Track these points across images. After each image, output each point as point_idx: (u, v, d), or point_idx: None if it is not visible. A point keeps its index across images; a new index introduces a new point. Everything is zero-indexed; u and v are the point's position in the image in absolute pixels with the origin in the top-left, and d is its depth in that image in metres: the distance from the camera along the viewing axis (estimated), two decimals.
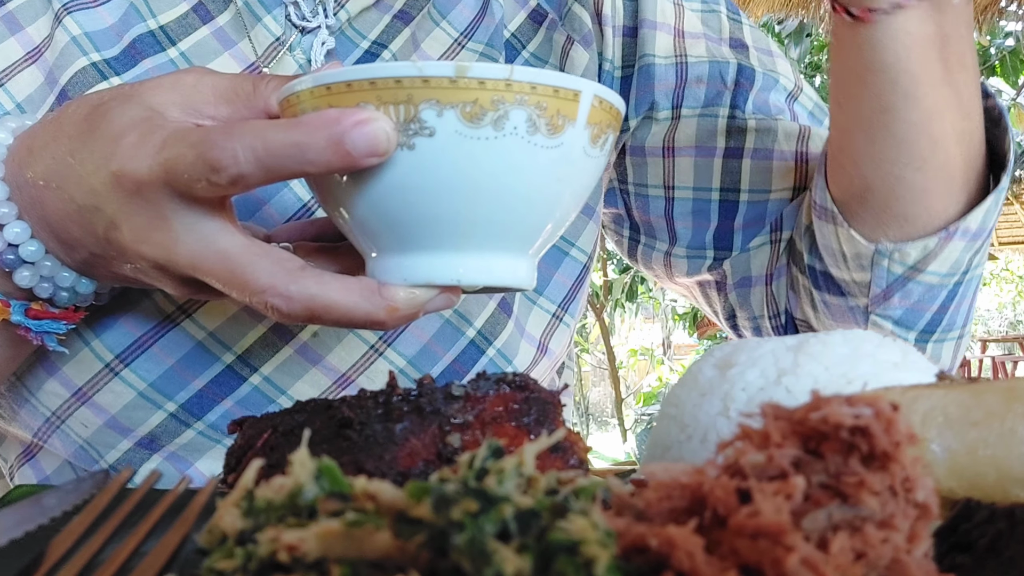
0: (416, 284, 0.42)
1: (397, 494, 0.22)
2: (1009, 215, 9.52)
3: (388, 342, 0.63)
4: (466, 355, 0.65)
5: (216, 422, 0.61)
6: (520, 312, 0.69)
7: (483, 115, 0.38)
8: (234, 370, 0.60)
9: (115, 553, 0.31)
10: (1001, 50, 7.12)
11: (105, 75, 0.61)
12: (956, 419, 0.31)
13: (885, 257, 0.62)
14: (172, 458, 0.61)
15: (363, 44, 0.69)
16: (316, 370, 0.62)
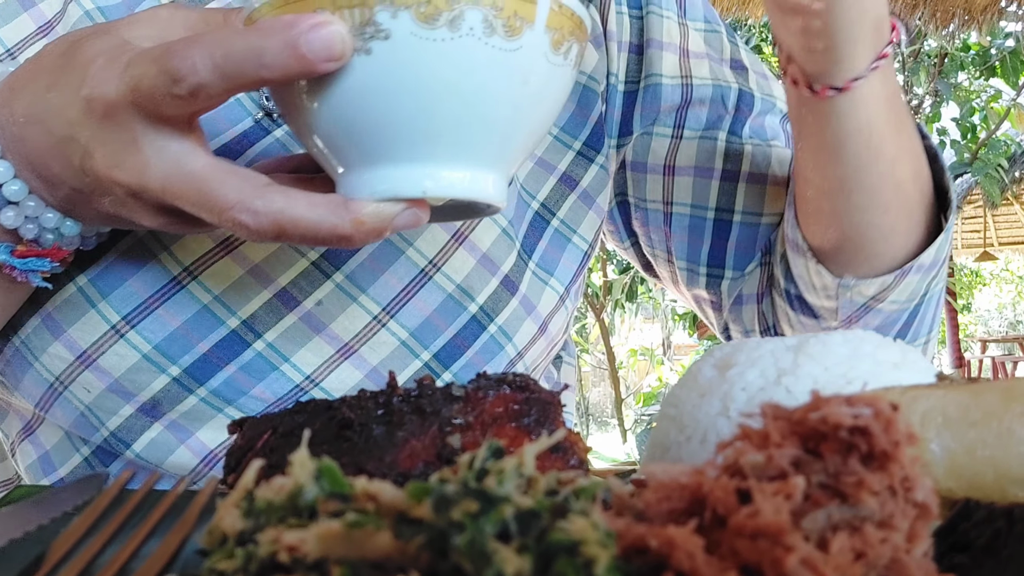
0: (382, 198, 0.42)
1: (397, 495, 0.22)
2: (1009, 215, 9.52)
3: (391, 313, 0.63)
4: (467, 330, 0.66)
5: (218, 388, 0.61)
6: (530, 290, 0.70)
7: (438, 16, 0.38)
8: (239, 335, 0.61)
9: (115, 554, 0.31)
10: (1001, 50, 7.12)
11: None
12: (955, 419, 0.31)
13: (848, 290, 0.67)
14: (173, 427, 0.61)
15: None
16: (319, 338, 0.62)
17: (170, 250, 0.60)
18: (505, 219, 0.68)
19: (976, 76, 7.59)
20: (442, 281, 0.65)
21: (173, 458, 0.61)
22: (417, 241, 0.65)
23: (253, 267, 0.61)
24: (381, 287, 0.63)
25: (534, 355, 0.72)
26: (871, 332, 0.45)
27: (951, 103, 7.56)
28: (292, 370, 0.62)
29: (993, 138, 7.45)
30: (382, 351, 0.63)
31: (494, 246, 0.67)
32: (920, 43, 7.09)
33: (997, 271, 14.07)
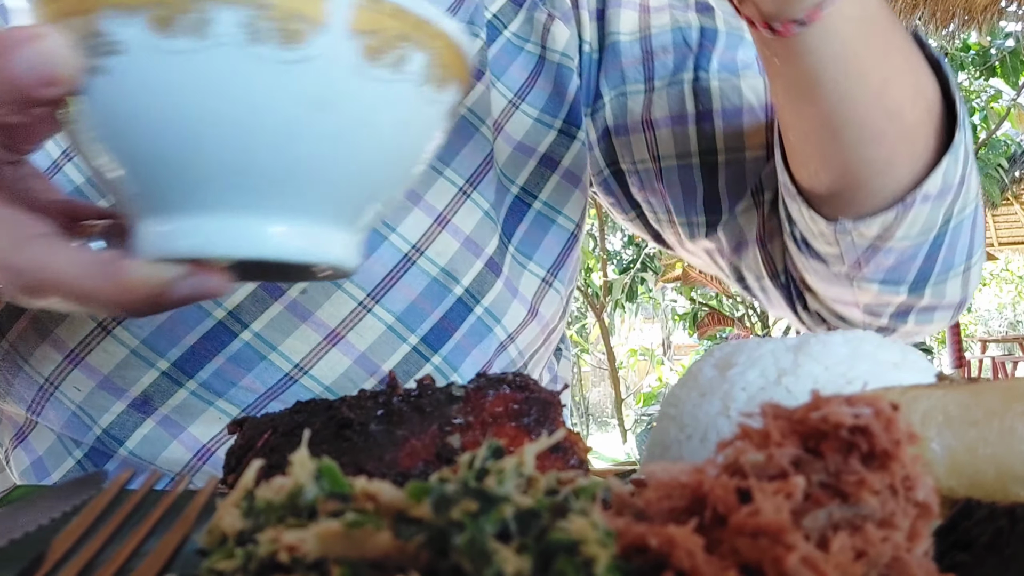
0: (161, 256, 0.34)
1: (397, 494, 0.22)
2: (1009, 215, 9.53)
3: (376, 299, 0.63)
4: (454, 312, 0.66)
5: (208, 380, 0.61)
6: (511, 273, 0.70)
7: (178, 19, 0.29)
8: (225, 326, 0.61)
9: (115, 553, 0.31)
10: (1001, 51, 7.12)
11: None
12: (956, 418, 0.31)
13: (847, 233, 0.60)
14: (165, 422, 0.61)
15: None
16: (306, 326, 0.62)
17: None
18: (487, 201, 0.68)
19: (976, 76, 7.59)
20: (426, 265, 0.65)
21: (166, 454, 0.61)
22: (400, 227, 0.65)
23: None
24: (365, 273, 0.63)
25: (527, 339, 0.71)
26: (871, 332, 0.45)
27: None
28: (280, 359, 0.62)
29: (993, 138, 7.46)
30: (369, 336, 0.63)
31: (477, 228, 0.67)
32: None
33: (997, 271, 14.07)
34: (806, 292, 0.72)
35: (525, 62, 0.74)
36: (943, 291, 0.65)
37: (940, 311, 0.68)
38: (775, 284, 0.75)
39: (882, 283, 0.64)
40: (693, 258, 0.82)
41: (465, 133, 0.69)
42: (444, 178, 0.67)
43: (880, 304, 0.67)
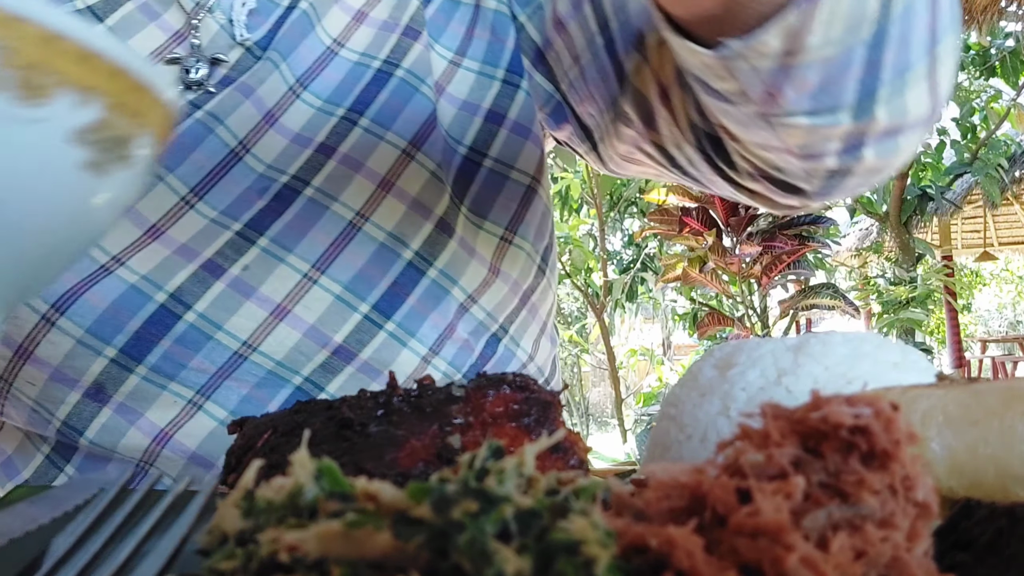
0: None
1: (397, 494, 0.22)
2: (1009, 215, 9.53)
3: (321, 269, 0.63)
4: (406, 277, 0.65)
5: (158, 364, 0.61)
6: (465, 233, 0.68)
7: None
8: (168, 309, 0.61)
9: (115, 553, 0.31)
10: (1001, 51, 7.13)
11: None
12: (956, 418, 0.31)
13: (740, 59, 0.47)
14: (122, 410, 0.62)
15: (283, 2, 0.70)
16: (250, 303, 0.62)
17: (98, 243, 0.61)
18: (432, 162, 0.67)
19: (976, 76, 7.60)
20: (372, 231, 0.64)
21: (125, 440, 0.62)
22: (342, 195, 0.64)
23: (180, 247, 0.62)
24: (308, 244, 0.63)
25: (495, 300, 0.70)
26: (872, 332, 0.45)
27: (951, 103, 7.56)
28: (227, 337, 0.62)
29: (993, 138, 7.46)
30: (317, 308, 0.63)
31: (424, 190, 0.66)
32: None
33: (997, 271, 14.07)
34: (729, 141, 0.61)
35: (462, 16, 0.73)
36: (903, 105, 0.51)
37: (906, 132, 0.53)
38: (698, 149, 0.65)
39: (811, 114, 0.50)
40: (633, 167, 0.75)
41: (403, 94, 0.68)
42: (384, 141, 0.66)
43: (818, 142, 0.53)
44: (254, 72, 0.66)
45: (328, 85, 0.67)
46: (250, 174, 0.64)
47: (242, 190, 0.63)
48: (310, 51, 0.68)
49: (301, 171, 0.64)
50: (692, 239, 4.14)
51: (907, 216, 7.43)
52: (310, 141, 0.65)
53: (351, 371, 0.64)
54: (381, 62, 0.69)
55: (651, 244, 6.29)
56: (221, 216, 0.63)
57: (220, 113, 0.64)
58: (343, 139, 0.65)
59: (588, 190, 5.70)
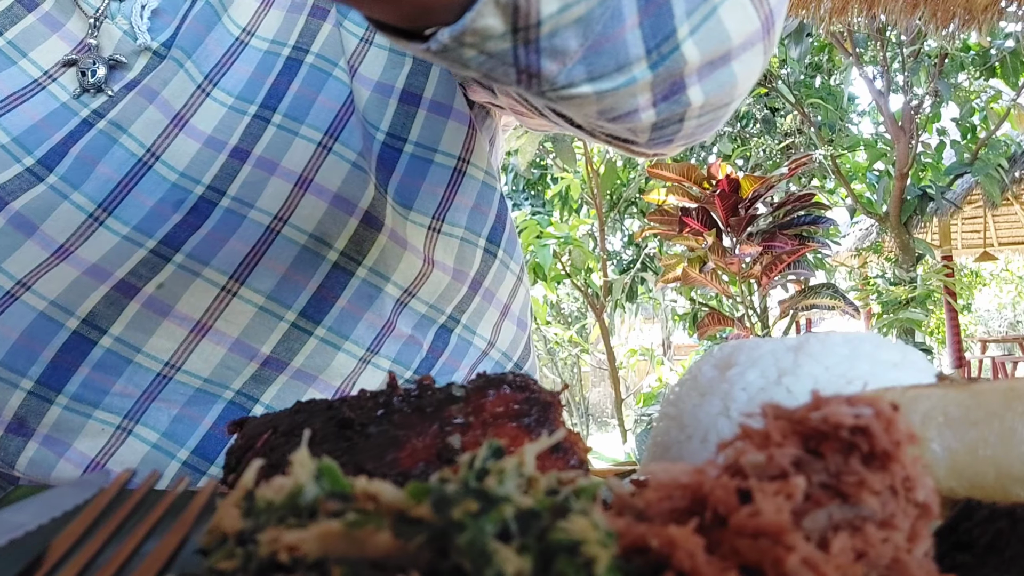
0: None
1: (398, 494, 0.22)
2: (1009, 215, 9.53)
3: (240, 280, 0.60)
4: (332, 279, 0.62)
5: (79, 393, 0.59)
6: (395, 225, 0.65)
7: None
8: (81, 335, 0.59)
9: (115, 553, 0.31)
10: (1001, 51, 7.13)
11: None
12: (956, 419, 0.31)
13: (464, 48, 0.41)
14: (48, 442, 0.60)
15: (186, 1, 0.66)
16: (168, 322, 0.60)
17: (1, 266, 0.59)
18: (353, 151, 0.63)
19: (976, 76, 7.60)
20: (292, 234, 0.61)
21: (56, 473, 0.60)
22: (259, 200, 0.61)
23: (90, 267, 0.59)
24: (225, 255, 0.60)
25: (435, 292, 0.67)
26: (871, 332, 0.45)
27: (951, 103, 7.56)
28: (148, 359, 0.60)
29: (993, 138, 7.46)
30: (240, 320, 0.61)
31: (345, 184, 0.63)
32: (920, 43, 7.09)
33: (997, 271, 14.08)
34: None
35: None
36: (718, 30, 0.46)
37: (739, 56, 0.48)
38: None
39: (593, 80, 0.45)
40: (530, 118, 0.68)
41: (315, 81, 0.64)
42: (299, 137, 0.63)
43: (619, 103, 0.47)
44: (157, 73, 0.63)
45: (239, 80, 0.64)
46: (162, 183, 0.61)
47: (155, 202, 0.60)
48: (217, 44, 0.64)
49: (216, 180, 0.61)
50: (692, 239, 4.14)
51: (907, 216, 7.42)
52: (223, 145, 0.62)
53: (284, 379, 0.62)
54: (291, 48, 0.65)
55: (651, 244, 6.29)
56: (134, 232, 0.60)
57: (122, 121, 0.62)
58: (257, 140, 0.62)
59: (588, 190, 5.70)
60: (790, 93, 7.48)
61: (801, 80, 7.82)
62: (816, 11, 4.71)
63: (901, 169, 7.04)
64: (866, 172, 8.33)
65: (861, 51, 7.21)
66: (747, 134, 8.37)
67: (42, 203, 0.59)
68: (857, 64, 7.01)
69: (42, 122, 0.61)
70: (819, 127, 7.64)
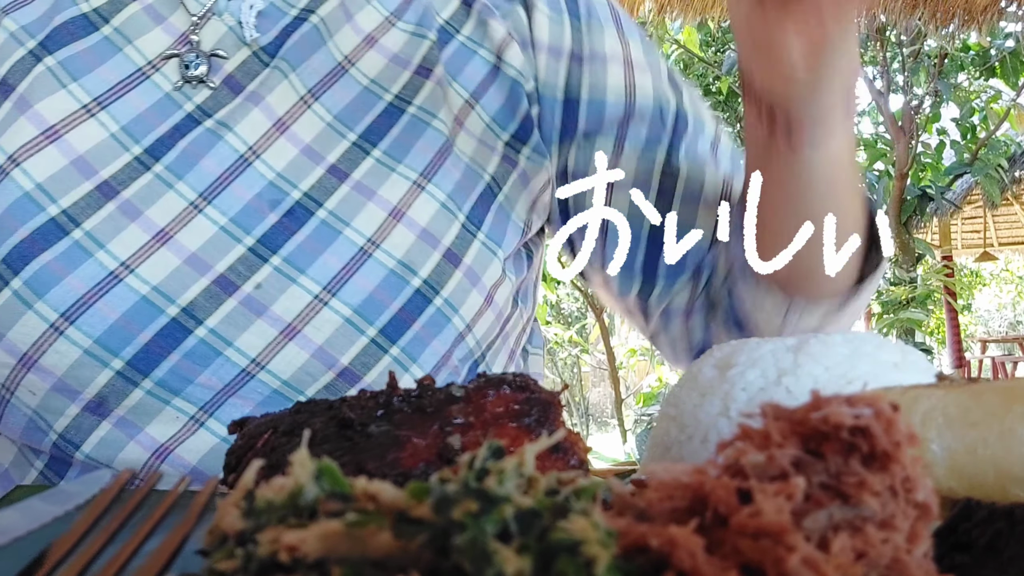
0: None
1: (398, 494, 0.22)
2: (1009, 215, 9.53)
3: (332, 292, 0.63)
4: (412, 304, 0.65)
5: (164, 379, 0.61)
6: (477, 263, 0.69)
7: None
8: (179, 323, 0.61)
9: (116, 553, 0.31)
10: (1001, 51, 7.13)
11: (39, 57, 0.65)
12: (956, 419, 0.31)
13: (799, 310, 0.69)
14: (122, 424, 0.61)
15: (291, 12, 0.71)
16: (261, 321, 0.62)
17: (106, 247, 0.61)
18: (443, 193, 0.68)
19: (976, 76, 7.60)
20: (382, 258, 0.65)
21: (123, 455, 0.61)
22: (354, 221, 0.65)
23: (190, 256, 0.62)
24: (320, 267, 0.63)
25: (483, 328, 0.71)
26: (871, 333, 0.45)
27: (951, 103, 7.56)
28: (236, 354, 0.62)
29: (993, 138, 7.46)
30: (326, 329, 0.63)
31: (434, 221, 0.67)
32: (920, 43, 7.09)
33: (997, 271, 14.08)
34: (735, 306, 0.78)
35: (479, 66, 0.73)
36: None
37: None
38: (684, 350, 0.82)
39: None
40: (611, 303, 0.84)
41: (415, 129, 0.69)
42: (396, 173, 0.67)
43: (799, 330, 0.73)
44: (263, 81, 0.67)
45: (338, 102, 0.68)
46: (260, 179, 0.64)
47: (252, 196, 0.64)
48: (321, 64, 0.69)
49: (313, 190, 0.65)
50: None
51: (907, 216, 7.43)
52: (322, 159, 0.66)
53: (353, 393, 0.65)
54: (393, 97, 0.70)
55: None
56: (231, 224, 0.63)
57: (229, 120, 0.65)
58: (355, 166, 0.67)
59: None
60: None
61: None
62: None
63: (901, 169, 7.04)
64: (866, 172, 8.33)
65: (861, 51, 7.22)
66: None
67: (149, 191, 0.63)
68: None
69: (147, 112, 0.65)
70: None
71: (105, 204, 0.62)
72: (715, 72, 8.46)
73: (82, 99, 0.65)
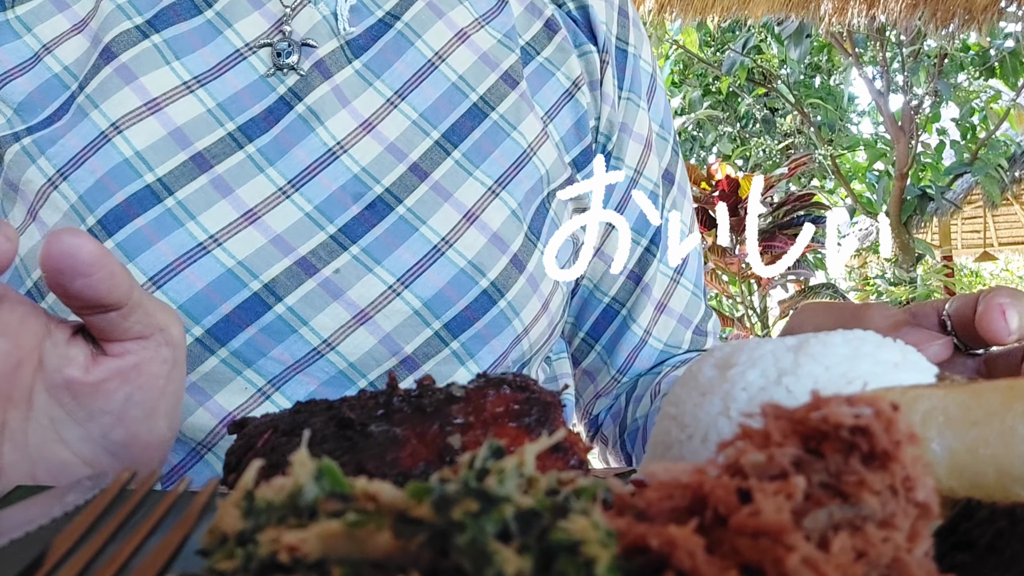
0: None
1: (398, 494, 0.22)
2: (1009, 215, 9.53)
3: (406, 284, 0.67)
4: (478, 303, 0.69)
5: (239, 349, 0.63)
6: (537, 271, 0.73)
7: None
8: (260, 298, 0.64)
9: (115, 553, 0.31)
10: (1001, 51, 7.13)
11: (147, 34, 0.69)
12: (956, 418, 0.31)
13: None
14: (194, 390, 0.64)
15: (378, 12, 0.74)
16: (337, 304, 0.65)
17: (197, 219, 0.64)
18: (515, 201, 0.72)
19: (976, 77, 7.60)
20: (454, 257, 0.68)
21: (192, 419, 0.64)
22: (430, 220, 0.68)
23: (275, 237, 0.65)
24: (395, 260, 0.66)
25: (537, 333, 0.75)
26: (871, 332, 0.45)
27: (951, 103, 7.57)
28: (310, 333, 0.65)
29: (993, 138, 7.47)
30: (396, 319, 0.66)
31: (504, 226, 0.71)
32: (920, 43, 7.09)
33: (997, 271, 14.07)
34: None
35: (555, 87, 0.78)
36: None
37: None
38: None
39: None
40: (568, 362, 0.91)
41: (495, 137, 0.73)
42: (473, 178, 0.71)
43: None
44: (351, 84, 0.70)
45: (425, 99, 0.72)
46: (346, 172, 0.67)
47: (337, 187, 0.67)
48: (408, 67, 0.72)
49: (394, 186, 0.68)
50: None
51: (907, 216, 7.43)
52: (404, 156, 0.69)
53: (410, 382, 0.67)
54: (478, 97, 0.74)
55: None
56: (316, 212, 0.66)
57: (320, 113, 0.69)
58: (435, 166, 0.70)
59: None
60: (790, 93, 7.49)
61: (801, 80, 7.82)
62: (816, 12, 4.71)
63: (901, 169, 7.04)
64: (866, 172, 8.34)
65: (861, 51, 7.22)
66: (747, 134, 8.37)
67: (241, 171, 0.66)
68: (857, 64, 7.02)
69: (242, 92, 0.68)
70: (819, 127, 7.65)
71: (198, 176, 0.65)
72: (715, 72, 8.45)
73: (183, 76, 0.68)
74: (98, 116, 0.66)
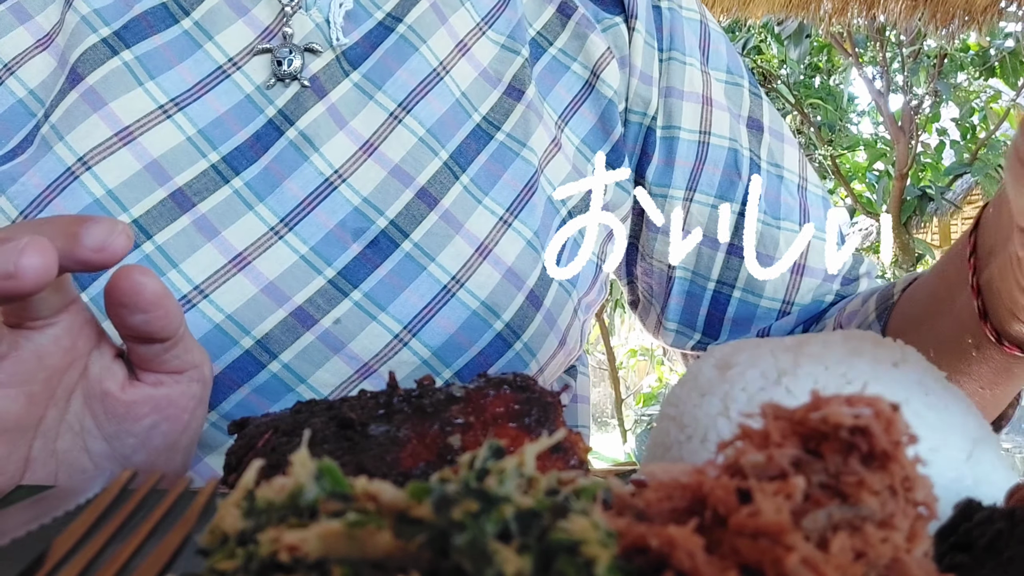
0: None
1: (398, 494, 0.22)
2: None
3: (413, 332, 0.60)
4: (492, 348, 0.62)
5: (231, 413, 0.58)
6: (554, 305, 0.67)
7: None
8: (253, 355, 0.58)
9: (115, 553, 0.31)
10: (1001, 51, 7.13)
11: (116, 50, 0.61)
12: None
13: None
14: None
15: (378, 15, 0.67)
16: (338, 358, 0.59)
17: (179, 267, 0.58)
18: (530, 230, 0.65)
19: (976, 76, 7.60)
20: (466, 298, 0.62)
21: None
22: (439, 256, 0.61)
23: (267, 285, 0.59)
24: (402, 305, 0.60)
25: (553, 368, 0.69)
26: (871, 332, 0.45)
27: (951, 103, 7.56)
28: (309, 392, 0.59)
29: (993, 138, 7.46)
30: (403, 371, 0.60)
31: (519, 260, 0.64)
32: (920, 43, 7.09)
33: None
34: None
35: (571, 83, 0.71)
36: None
37: None
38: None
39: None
40: (658, 343, 0.83)
41: (503, 159, 0.66)
42: (483, 207, 0.64)
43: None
44: (348, 100, 0.64)
45: (432, 114, 0.65)
46: (345, 205, 0.61)
47: (335, 224, 0.61)
48: (412, 75, 0.65)
49: (400, 218, 0.61)
50: None
51: (907, 216, 7.42)
52: (411, 180, 0.62)
53: None
54: (481, 118, 0.67)
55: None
56: (312, 254, 0.60)
57: (314, 137, 0.62)
58: (445, 192, 0.63)
59: None
60: (790, 93, 7.48)
61: (801, 80, 7.82)
62: (816, 12, 4.71)
63: (901, 169, 7.04)
64: (866, 172, 8.33)
65: (861, 51, 7.22)
66: None
67: (227, 209, 0.59)
68: (857, 64, 7.01)
69: (226, 115, 0.61)
70: (819, 127, 7.64)
71: (179, 217, 0.58)
72: None
73: (159, 99, 0.60)
74: (63, 150, 0.58)
